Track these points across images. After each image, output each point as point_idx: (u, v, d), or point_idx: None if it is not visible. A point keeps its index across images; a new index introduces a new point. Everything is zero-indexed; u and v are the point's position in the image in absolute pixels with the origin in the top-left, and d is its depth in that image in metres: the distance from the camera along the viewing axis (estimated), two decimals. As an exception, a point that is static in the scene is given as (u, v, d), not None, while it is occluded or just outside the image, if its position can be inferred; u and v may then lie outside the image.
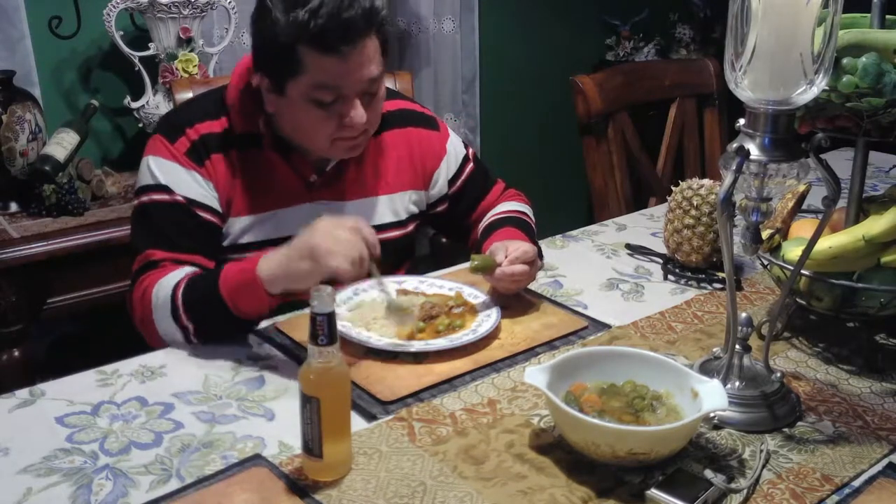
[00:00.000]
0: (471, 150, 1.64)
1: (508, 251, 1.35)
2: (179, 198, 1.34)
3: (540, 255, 1.51)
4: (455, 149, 1.59)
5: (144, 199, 1.36)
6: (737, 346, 1.10)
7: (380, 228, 1.48)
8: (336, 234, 1.16)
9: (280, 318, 1.33)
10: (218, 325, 1.26)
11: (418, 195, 1.55)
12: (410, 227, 1.55)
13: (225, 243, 1.39)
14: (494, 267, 1.35)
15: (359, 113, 1.30)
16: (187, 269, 1.30)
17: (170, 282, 1.27)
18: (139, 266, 1.33)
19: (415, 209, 1.55)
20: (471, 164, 1.61)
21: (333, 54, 1.25)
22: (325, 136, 1.33)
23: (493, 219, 1.55)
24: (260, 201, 1.40)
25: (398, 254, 1.54)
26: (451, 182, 1.59)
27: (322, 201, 1.44)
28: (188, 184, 1.35)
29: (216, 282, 1.23)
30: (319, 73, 1.26)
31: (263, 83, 1.33)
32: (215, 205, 1.37)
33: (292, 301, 1.35)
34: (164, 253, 1.32)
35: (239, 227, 1.39)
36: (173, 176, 1.35)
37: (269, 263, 1.20)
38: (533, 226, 1.55)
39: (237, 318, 1.23)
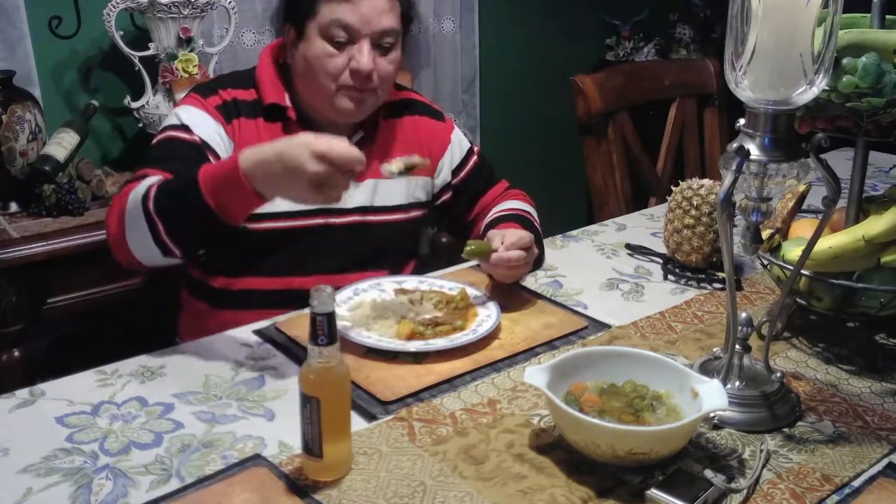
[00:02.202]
0: (476, 147, 1.68)
1: (505, 238, 1.36)
2: (196, 137, 1.38)
3: (542, 257, 1.51)
4: (460, 140, 1.64)
5: (161, 135, 1.41)
6: (737, 346, 1.09)
7: (387, 210, 1.53)
8: (305, 165, 1.10)
9: (280, 318, 1.33)
10: (193, 227, 1.21)
11: (425, 181, 1.59)
12: (415, 213, 1.58)
13: None
14: (490, 253, 1.35)
15: (365, 58, 1.38)
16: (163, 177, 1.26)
17: (146, 183, 1.25)
18: (129, 180, 1.32)
19: (421, 195, 1.59)
20: (475, 158, 1.65)
21: None
22: (332, 78, 1.39)
23: (496, 215, 1.56)
24: None
25: (402, 240, 1.56)
26: (455, 172, 1.62)
27: None
28: (210, 131, 1.40)
29: (195, 179, 1.18)
30: (333, 7, 1.37)
31: (290, 35, 1.43)
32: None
33: (292, 301, 1.36)
34: (160, 173, 1.30)
35: None
36: (198, 120, 1.40)
37: (248, 158, 1.15)
38: (537, 226, 1.56)
39: (215, 216, 1.16)
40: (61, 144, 2.10)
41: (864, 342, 1.24)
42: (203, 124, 1.40)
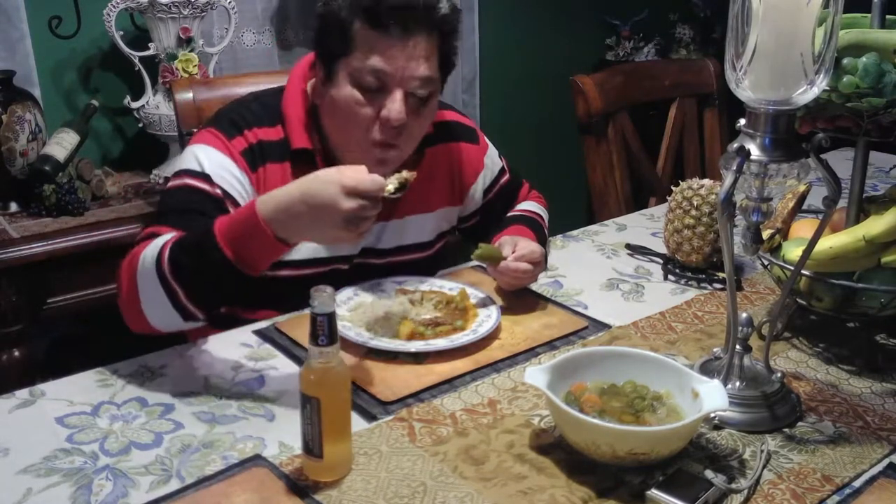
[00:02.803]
0: (505, 161, 1.62)
1: (517, 247, 1.35)
2: (218, 190, 1.27)
3: (545, 258, 1.50)
4: (492, 162, 1.58)
5: (178, 181, 1.28)
6: (737, 347, 1.09)
7: (413, 249, 1.48)
8: (339, 204, 1.05)
9: (280, 319, 1.33)
10: (213, 283, 1.13)
11: (451, 211, 1.54)
12: (439, 245, 1.54)
13: None
14: (499, 259, 1.35)
15: (397, 108, 1.25)
16: (175, 234, 1.17)
17: (158, 242, 1.16)
18: (138, 239, 1.22)
19: (445, 226, 1.54)
20: (506, 176, 1.60)
21: (383, 33, 1.23)
22: (360, 129, 1.28)
23: (508, 214, 1.56)
24: None
25: (429, 271, 1.51)
26: (486, 193, 1.58)
27: None
28: (232, 181, 1.29)
29: (210, 231, 1.11)
30: (367, 51, 1.24)
31: (319, 74, 1.32)
32: None
33: (295, 302, 1.34)
34: (170, 230, 1.20)
35: None
36: (220, 168, 1.28)
37: (267, 204, 1.09)
38: (545, 229, 1.55)
39: (237, 271, 1.10)
40: (61, 144, 2.10)
41: (864, 342, 1.24)
42: (226, 173, 1.28)
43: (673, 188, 1.52)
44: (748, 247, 1.05)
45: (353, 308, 1.32)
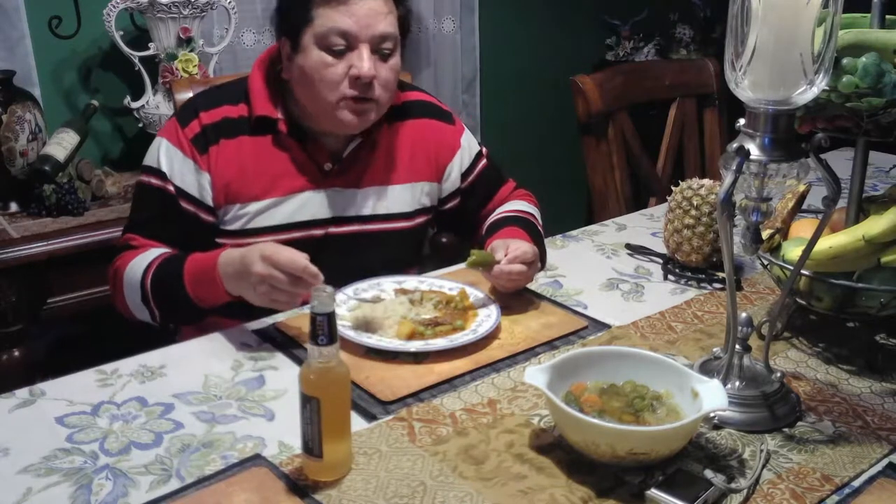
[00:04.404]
0: (484, 148, 1.66)
1: (509, 250, 1.35)
2: (171, 187, 1.41)
3: (543, 258, 1.50)
4: (469, 144, 1.62)
5: (143, 178, 1.44)
6: (737, 346, 1.09)
7: (390, 218, 1.52)
8: (252, 266, 1.21)
9: (280, 318, 1.33)
10: (183, 314, 1.38)
11: (431, 187, 1.57)
12: (420, 220, 1.57)
13: (234, 227, 1.43)
14: (493, 264, 1.35)
15: (366, 63, 1.34)
16: (156, 253, 1.38)
17: (140, 266, 1.36)
18: (119, 246, 1.45)
19: (427, 201, 1.57)
20: (484, 161, 1.63)
21: None
22: (332, 88, 1.35)
23: (498, 217, 1.56)
24: (272, 187, 1.43)
25: (407, 248, 1.55)
26: (464, 176, 1.60)
27: (335, 188, 1.46)
28: (183, 173, 1.41)
29: (181, 273, 1.31)
30: (329, 13, 1.33)
31: (284, 48, 1.40)
32: (207, 198, 1.41)
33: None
34: (143, 240, 1.41)
35: (249, 211, 1.42)
36: (172, 162, 1.41)
37: (224, 257, 1.27)
38: (539, 228, 1.56)
39: (202, 307, 1.33)
40: (61, 144, 2.10)
41: (864, 342, 1.24)
42: (177, 166, 1.41)
43: (673, 188, 1.52)
44: (748, 247, 1.05)
45: (353, 308, 1.32)
